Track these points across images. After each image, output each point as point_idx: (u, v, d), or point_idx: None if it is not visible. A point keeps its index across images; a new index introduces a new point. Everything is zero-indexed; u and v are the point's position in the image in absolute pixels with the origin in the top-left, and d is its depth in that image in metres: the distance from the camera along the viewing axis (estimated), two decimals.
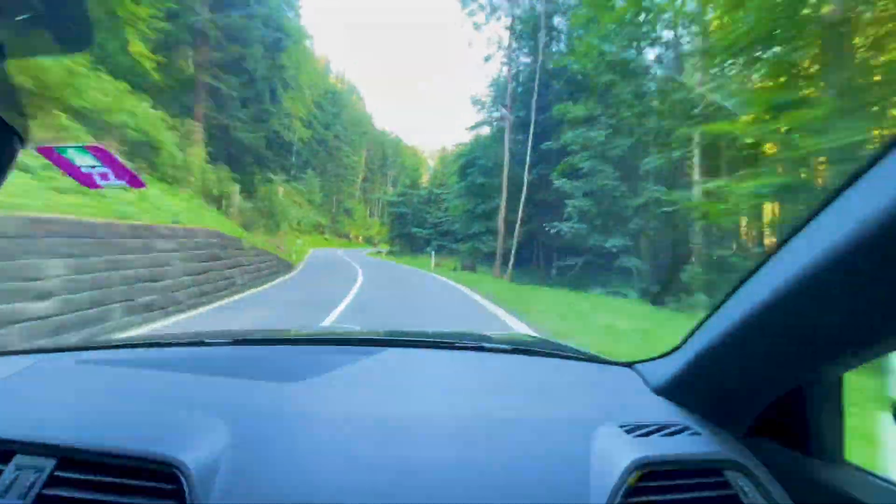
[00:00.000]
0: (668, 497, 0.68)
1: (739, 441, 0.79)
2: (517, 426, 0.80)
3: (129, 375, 0.96)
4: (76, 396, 0.85)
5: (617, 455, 0.71)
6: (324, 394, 0.88)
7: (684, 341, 0.89)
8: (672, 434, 0.78)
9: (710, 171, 10.67)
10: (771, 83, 7.58)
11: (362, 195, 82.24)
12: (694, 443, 0.77)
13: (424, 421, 0.79)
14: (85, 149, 0.70)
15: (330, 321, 6.38)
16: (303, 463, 0.67)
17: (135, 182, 0.76)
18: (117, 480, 0.64)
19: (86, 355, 1.07)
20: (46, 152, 0.71)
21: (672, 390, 0.92)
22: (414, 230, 41.21)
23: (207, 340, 1.20)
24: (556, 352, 1.26)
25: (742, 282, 0.69)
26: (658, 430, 0.79)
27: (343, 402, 0.85)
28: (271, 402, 0.83)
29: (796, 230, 0.59)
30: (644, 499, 0.67)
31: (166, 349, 1.17)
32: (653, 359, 1.06)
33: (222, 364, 1.05)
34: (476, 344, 1.25)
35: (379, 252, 44.62)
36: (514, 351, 1.23)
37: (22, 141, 0.42)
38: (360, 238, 68.10)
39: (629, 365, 1.13)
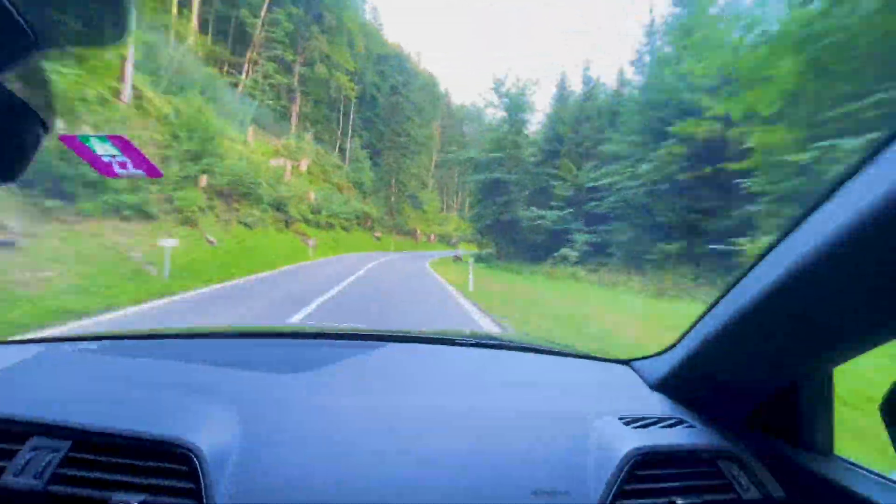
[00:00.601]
0: (665, 485, 0.71)
1: (733, 434, 0.81)
2: (522, 418, 0.82)
3: (137, 364, 0.98)
4: (87, 383, 0.87)
5: (616, 444, 0.74)
6: (330, 386, 0.90)
7: (680, 339, 0.90)
8: (669, 426, 0.81)
9: None
10: None
11: (435, 184, 63.85)
12: (689, 434, 0.80)
13: (431, 413, 0.81)
14: (106, 138, 0.73)
15: None
16: (312, 451, 0.69)
17: (153, 172, 0.77)
18: (132, 461, 0.65)
19: (86, 345, 1.10)
20: (68, 140, 0.72)
21: (668, 386, 0.94)
22: (522, 216, 20.75)
23: (208, 333, 1.25)
24: (554, 350, 1.27)
25: (737, 280, 0.70)
26: (655, 423, 0.82)
27: (349, 393, 0.87)
28: (279, 392, 0.85)
29: (792, 227, 0.59)
30: (642, 486, 0.70)
31: (167, 341, 1.20)
32: (649, 356, 1.07)
33: (227, 356, 1.08)
34: (475, 341, 1.26)
35: (456, 258, 24.90)
36: (513, 348, 1.28)
37: (46, 129, 0.43)
38: (432, 237, 49.29)
39: (626, 362, 1.14)
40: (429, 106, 57.96)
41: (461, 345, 1.22)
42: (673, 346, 0.93)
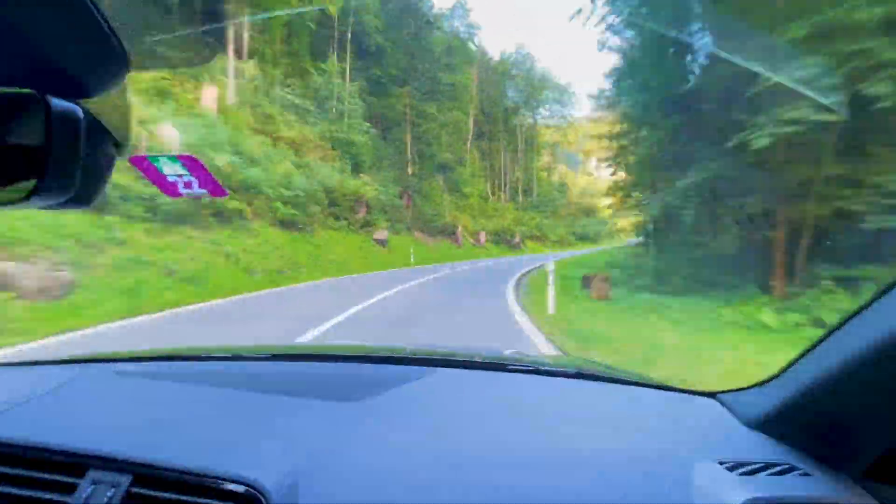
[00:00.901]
0: None
1: (857, 485, 0.70)
2: (602, 458, 0.75)
3: (180, 389, 0.96)
4: (135, 409, 0.86)
5: (724, 495, 0.65)
6: (386, 415, 0.88)
7: (784, 369, 0.82)
8: (779, 473, 0.71)
9: None
10: None
11: (477, 163, 45.90)
12: (807, 484, 0.69)
13: (498, 449, 0.77)
14: (176, 157, 0.72)
15: None
16: (373, 487, 0.67)
17: (217, 191, 0.76)
18: (198, 500, 0.63)
19: (123, 367, 1.09)
20: (138, 161, 0.72)
21: (771, 424, 0.84)
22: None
23: (246, 354, 1.22)
24: (624, 378, 1.16)
25: (869, 302, 0.62)
26: (763, 469, 0.72)
27: (408, 425, 0.84)
28: (336, 423, 0.84)
29: None
30: None
31: (206, 363, 1.18)
32: (742, 389, 0.97)
33: (273, 380, 1.05)
34: (532, 367, 1.20)
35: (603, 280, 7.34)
36: (576, 376, 1.15)
37: (118, 149, 0.44)
38: (482, 235, 31.80)
39: (712, 395, 1.03)
40: (460, 45, 40.32)
41: (519, 371, 1.17)
42: (774, 377, 0.84)
